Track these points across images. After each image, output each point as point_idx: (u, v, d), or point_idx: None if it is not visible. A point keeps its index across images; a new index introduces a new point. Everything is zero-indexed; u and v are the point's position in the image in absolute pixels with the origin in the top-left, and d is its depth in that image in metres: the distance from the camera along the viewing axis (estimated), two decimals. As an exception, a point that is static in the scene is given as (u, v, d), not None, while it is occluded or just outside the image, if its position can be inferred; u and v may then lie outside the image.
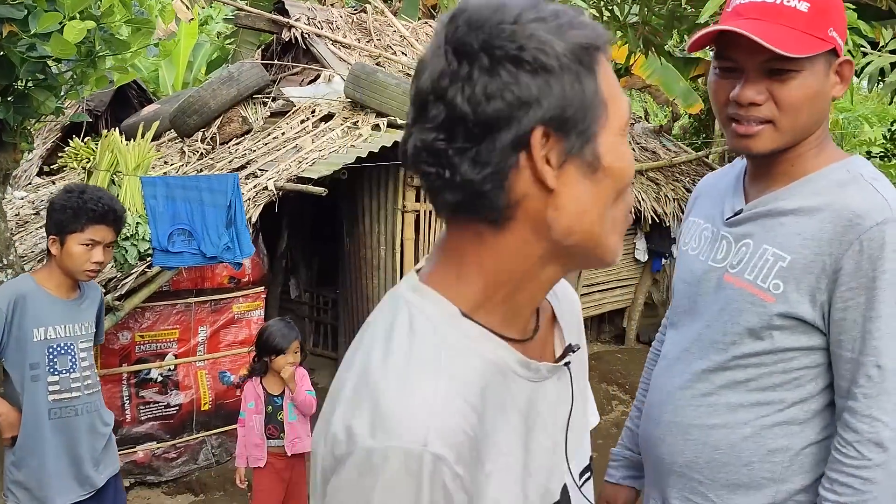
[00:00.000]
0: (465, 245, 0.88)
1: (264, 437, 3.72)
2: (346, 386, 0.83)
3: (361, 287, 6.19)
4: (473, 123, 0.79)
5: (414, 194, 5.63)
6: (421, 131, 0.83)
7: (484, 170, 0.81)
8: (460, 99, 0.79)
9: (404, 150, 0.86)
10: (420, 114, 0.83)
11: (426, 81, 0.82)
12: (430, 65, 0.82)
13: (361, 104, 5.62)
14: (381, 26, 7.56)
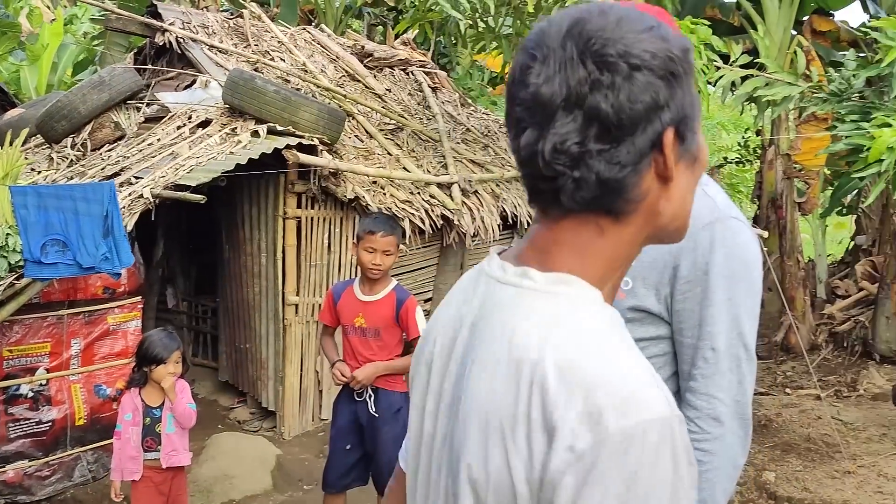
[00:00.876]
0: (587, 237, 0.95)
1: (141, 450, 3.65)
2: (547, 386, 0.86)
3: (242, 295, 6.13)
4: (616, 127, 0.87)
5: (295, 201, 5.63)
6: (554, 136, 0.88)
7: (624, 169, 0.89)
8: (605, 105, 0.86)
9: (534, 152, 0.91)
10: (548, 119, 0.89)
11: (555, 89, 0.88)
12: (556, 74, 0.88)
13: (240, 110, 5.57)
14: (259, 31, 7.49)
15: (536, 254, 0.97)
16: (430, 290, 6.86)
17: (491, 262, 1.02)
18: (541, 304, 0.93)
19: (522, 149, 0.91)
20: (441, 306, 1.12)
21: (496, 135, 8.19)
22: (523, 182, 0.97)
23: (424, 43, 10.29)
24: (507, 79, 0.94)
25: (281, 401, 5.80)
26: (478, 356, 0.95)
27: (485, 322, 0.97)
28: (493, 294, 0.98)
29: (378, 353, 3.77)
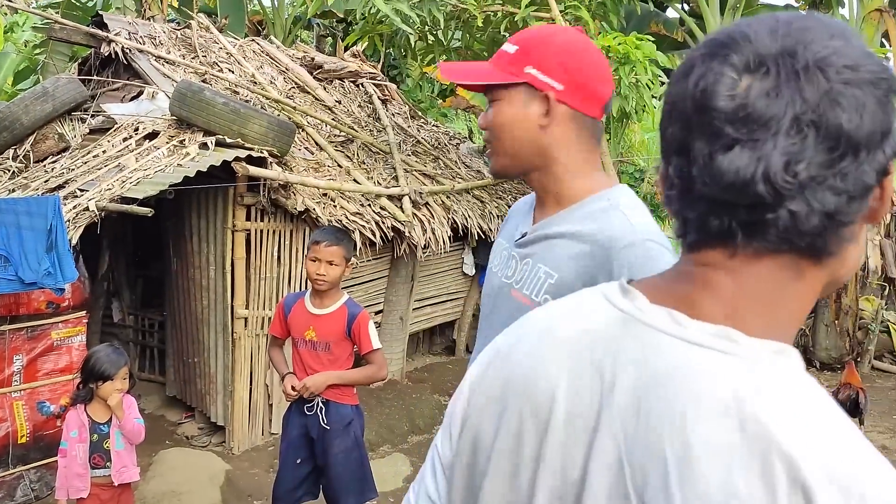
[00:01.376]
0: (783, 283, 0.80)
1: (88, 467, 3.58)
2: (811, 491, 0.68)
3: (190, 308, 6.05)
4: (854, 150, 0.75)
5: (244, 213, 5.59)
6: (781, 156, 0.74)
7: (852, 202, 0.76)
8: (847, 124, 0.74)
9: (746, 175, 0.75)
10: (770, 138, 0.75)
11: (784, 102, 0.75)
12: (782, 86, 0.75)
13: (188, 122, 5.52)
14: (207, 42, 7.44)
15: (721, 306, 0.80)
16: (381, 302, 6.86)
17: (638, 303, 0.83)
18: (767, 380, 0.74)
19: (726, 171, 0.75)
20: (533, 342, 0.90)
21: (446, 147, 8.23)
22: (696, 212, 0.80)
23: (374, 55, 10.31)
24: (687, 89, 0.79)
25: (230, 415, 5.74)
26: (686, 438, 0.73)
27: (670, 391, 0.75)
28: (670, 355, 0.78)
29: (328, 366, 3.76)
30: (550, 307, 0.94)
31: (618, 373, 0.80)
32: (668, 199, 0.84)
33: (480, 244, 7.55)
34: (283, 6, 11.99)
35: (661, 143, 0.84)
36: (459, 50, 6.96)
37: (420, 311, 7.36)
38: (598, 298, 0.88)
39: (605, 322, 0.84)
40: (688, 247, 0.84)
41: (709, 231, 0.80)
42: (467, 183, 7.41)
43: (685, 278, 0.84)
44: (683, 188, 0.80)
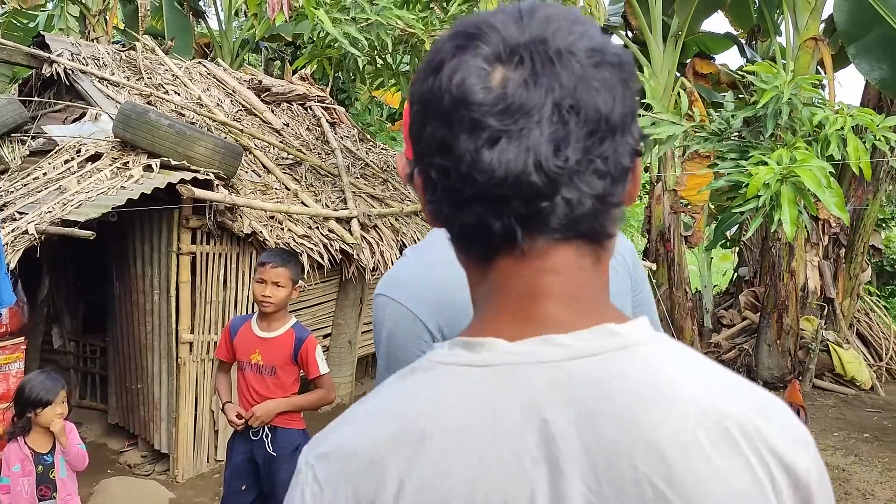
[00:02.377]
0: (589, 269, 0.78)
1: (36, 500, 3.47)
2: (770, 441, 0.71)
3: (133, 333, 5.93)
4: (612, 132, 0.74)
5: (190, 236, 5.51)
6: (547, 146, 0.72)
7: (615, 184, 0.75)
8: (604, 107, 0.74)
9: (519, 168, 0.72)
10: (532, 128, 0.72)
11: (541, 91, 0.72)
12: (539, 75, 0.73)
13: (132, 144, 5.44)
14: (153, 64, 7.36)
15: (566, 307, 0.75)
16: (329, 325, 6.82)
17: (504, 349, 0.73)
18: (663, 357, 0.73)
19: (496, 165, 0.71)
20: (444, 456, 0.70)
21: (395, 170, 8.25)
22: (473, 215, 0.74)
23: (323, 78, 10.31)
24: (441, 84, 0.74)
25: (174, 442, 5.62)
26: (658, 442, 0.68)
27: (610, 406, 0.69)
28: (582, 379, 0.71)
29: (274, 391, 3.71)
30: (384, 400, 0.76)
31: (553, 432, 0.69)
32: (434, 208, 0.77)
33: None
34: (231, 29, 11.94)
35: (417, 146, 0.77)
36: (408, 74, 7.00)
37: (369, 335, 7.31)
38: (445, 372, 0.73)
39: (484, 390, 0.71)
40: (478, 261, 0.77)
41: (493, 235, 0.74)
42: (416, 205, 7.42)
43: (511, 299, 0.75)
44: (452, 191, 0.74)
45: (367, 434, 0.73)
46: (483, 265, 0.77)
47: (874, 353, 9.03)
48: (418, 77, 0.77)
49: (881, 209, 10.56)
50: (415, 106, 0.77)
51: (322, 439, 0.77)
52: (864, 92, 8.72)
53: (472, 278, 0.80)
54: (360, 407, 0.77)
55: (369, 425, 0.73)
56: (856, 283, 8.72)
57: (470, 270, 0.79)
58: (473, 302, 0.80)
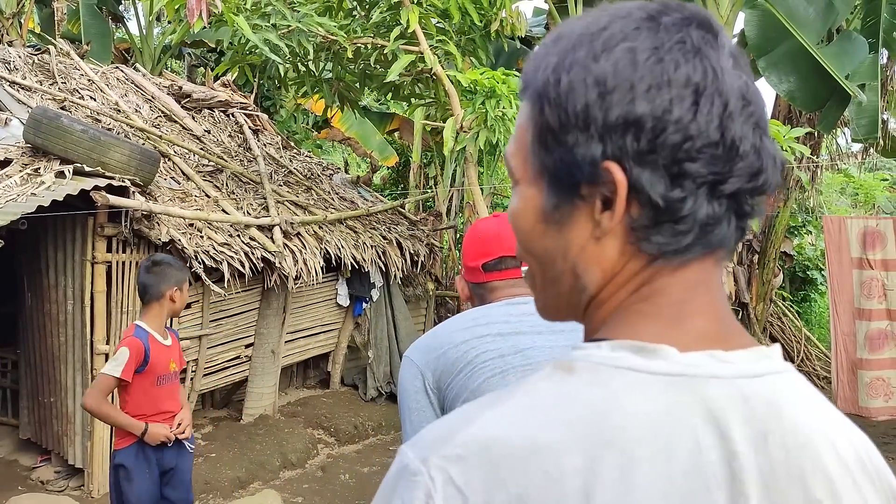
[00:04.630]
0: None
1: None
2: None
3: (46, 345, 5.76)
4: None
5: (105, 244, 5.38)
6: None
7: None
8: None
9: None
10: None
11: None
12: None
13: (44, 150, 5.29)
14: (68, 69, 7.17)
15: (714, 323, 0.72)
16: (252, 335, 6.73)
17: (676, 359, 0.68)
18: (805, 386, 0.74)
19: (763, 157, 0.71)
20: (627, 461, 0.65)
21: (319, 177, 8.21)
22: (727, 204, 0.70)
23: (247, 85, 10.19)
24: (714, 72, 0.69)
25: (89, 457, 5.46)
26: (827, 470, 0.70)
27: (779, 429, 0.68)
28: (755, 394, 0.69)
29: (178, 396, 3.85)
30: (539, 400, 0.69)
31: (735, 451, 0.66)
32: (676, 201, 0.69)
33: (354, 274, 7.54)
34: (152, 35, 11.70)
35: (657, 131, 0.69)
36: (331, 81, 6.97)
37: (293, 344, 7.25)
38: (617, 376, 0.68)
39: (667, 401, 0.66)
40: (669, 265, 0.72)
41: (722, 233, 0.71)
42: (340, 213, 7.40)
43: (680, 307, 0.72)
44: (712, 184, 0.69)
45: (530, 437, 0.64)
46: (668, 269, 0.72)
47: (786, 355, 9.36)
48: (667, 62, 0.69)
49: (792, 217, 10.97)
50: (678, 90, 0.68)
51: (446, 438, 0.67)
52: (774, 104, 9.05)
53: (633, 286, 0.73)
54: (495, 407, 0.68)
55: (530, 427, 0.65)
56: (768, 288, 9.02)
57: (635, 277, 0.72)
58: (623, 308, 0.73)
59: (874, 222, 6.40)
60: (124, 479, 3.66)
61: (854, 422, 0.80)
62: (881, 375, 6.26)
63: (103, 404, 3.65)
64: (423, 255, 8.07)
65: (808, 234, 12.59)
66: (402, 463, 0.68)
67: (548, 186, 0.74)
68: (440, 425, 0.70)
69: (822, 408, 0.73)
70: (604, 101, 0.68)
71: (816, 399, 0.74)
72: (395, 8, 6.14)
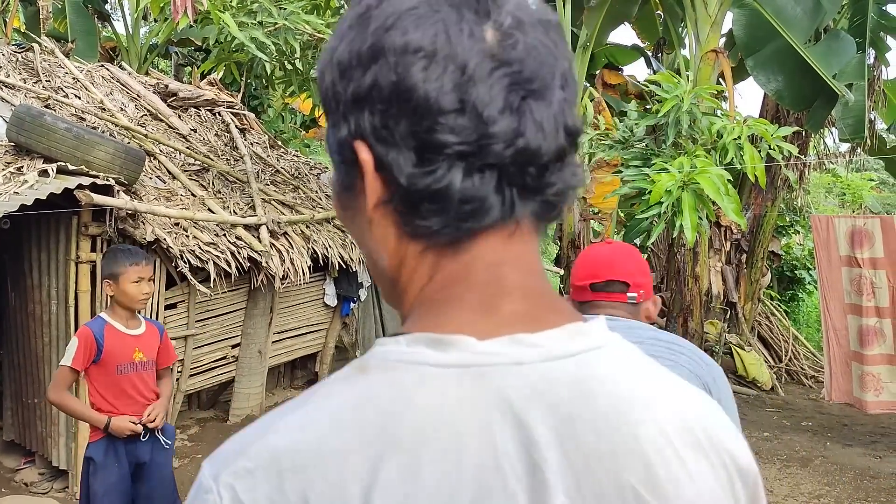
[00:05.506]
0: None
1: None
2: (734, 452, 0.73)
3: (30, 346, 5.69)
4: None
5: (89, 244, 5.32)
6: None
7: None
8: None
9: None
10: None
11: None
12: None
13: (27, 148, 5.23)
14: (52, 67, 7.10)
15: (522, 303, 0.68)
16: (238, 335, 6.68)
17: (472, 348, 0.64)
18: (628, 358, 0.71)
19: (529, 125, 0.66)
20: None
21: (307, 177, 8.17)
22: (490, 178, 0.65)
23: (234, 85, 10.14)
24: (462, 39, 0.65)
25: (73, 458, 5.40)
26: (640, 448, 0.65)
27: (589, 411, 0.65)
28: (560, 377, 0.65)
29: (153, 385, 3.78)
30: (332, 404, 0.64)
31: (535, 439, 0.63)
32: (422, 176, 0.65)
33: (342, 274, 7.50)
34: (138, 33, 11.63)
35: (397, 104, 0.65)
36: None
37: (280, 344, 7.21)
38: (410, 372, 0.64)
39: (460, 395, 0.62)
40: (445, 245, 0.68)
41: (492, 209, 0.66)
42: (328, 212, 7.36)
43: (477, 290, 0.68)
44: (463, 155, 0.65)
45: (316, 444, 0.61)
46: (449, 251, 0.68)
47: (774, 354, 9.39)
48: (390, 27, 0.66)
49: (780, 217, 11.00)
50: (415, 55, 0.64)
51: (239, 451, 0.64)
52: (762, 103, 9.08)
53: (423, 272, 0.69)
54: (292, 413, 0.65)
55: (317, 434, 0.62)
56: (756, 287, 9.04)
57: (420, 262, 0.69)
58: (424, 297, 0.69)
59: (862, 221, 6.42)
60: (91, 473, 3.65)
61: (844, 416, 0.76)
62: (871, 371, 6.29)
63: (66, 397, 3.66)
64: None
65: (795, 233, 12.64)
66: (199, 479, 0.65)
67: (335, 171, 0.72)
68: (240, 437, 0.67)
69: (648, 381, 0.69)
70: (343, 79, 0.66)
71: (642, 372, 0.70)
72: (382, 6, 6.12)
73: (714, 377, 1.90)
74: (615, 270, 2.01)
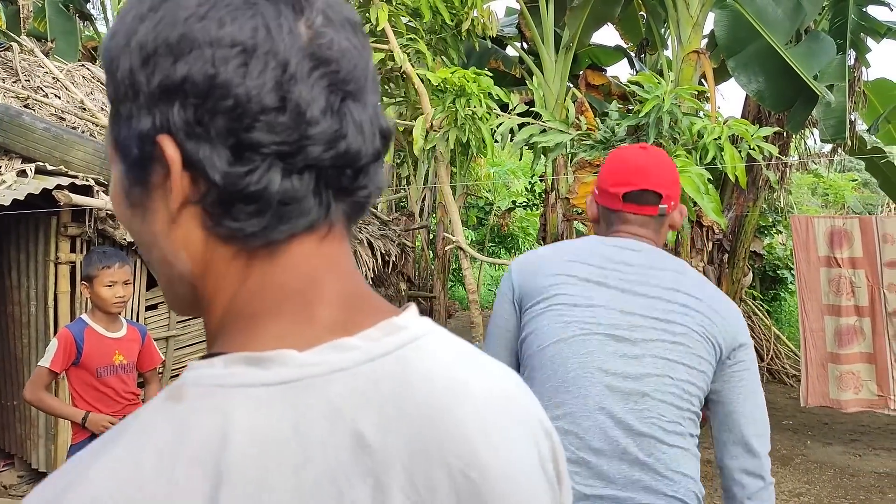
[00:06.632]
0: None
1: None
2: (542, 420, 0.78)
3: (8, 348, 5.66)
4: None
5: (69, 245, 5.29)
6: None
7: None
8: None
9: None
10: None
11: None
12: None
13: (5, 148, 5.20)
14: (31, 67, 7.05)
15: (337, 309, 0.67)
16: (221, 335, 6.66)
17: (294, 360, 0.62)
18: (445, 345, 0.71)
19: (347, 127, 0.65)
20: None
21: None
22: (308, 180, 0.64)
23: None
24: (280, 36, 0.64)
25: (53, 460, 5.37)
26: (462, 433, 0.66)
27: (413, 405, 0.65)
28: (381, 377, 0.65)
29: (133, 386, 3.77)
30: (151, 440, 0.59)
31: (367, 443, 0.62)
32: (242, 176, 0.62)
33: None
34: (121, 33, 11.55)
35: (212, 101, 0.61)
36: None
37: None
38: (230, 397, 0.60)
39: (284, 413, 0.60)
40: (259, 250, 0.65)
41: (310, 211, 0.65)
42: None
43: (294, 298, 0.65)
44: (282, 156, 0.63)
45: (139, 491, 0.56)
46: (263, 255, 0.65)
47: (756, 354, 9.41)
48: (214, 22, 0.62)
49: (763, 217, 11.05)
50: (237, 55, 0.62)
51: (59, 496, 0.57)
52: (744, 104, 9.12)
53: (233, 277, 0.66)
54: (106, 454, 0.59)
55: (139, 478, 0.57)
56: (738, 287, 9.07)
57: (230, 266, 0.66)
58: (236, 307, 0.66)
59: (841, 221, 6.46)
60: None
61: (824, 414, 0.78)
62: (851, 370, 6.33)
63: (42, 395, 3.63)
64: (394, 254, 8.04)
65: (778, 233, 12.72)
66: None
67: (122, 165, 0.67)
68: (52, 482, 0.59)
69: (463, 365, 0.70)
70: (147, 67, 0.62)
71: (457, 357, 0.71)
72: (365, 6, 6.10)
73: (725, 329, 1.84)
74: (650, 179, 1.88)
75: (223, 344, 0.65)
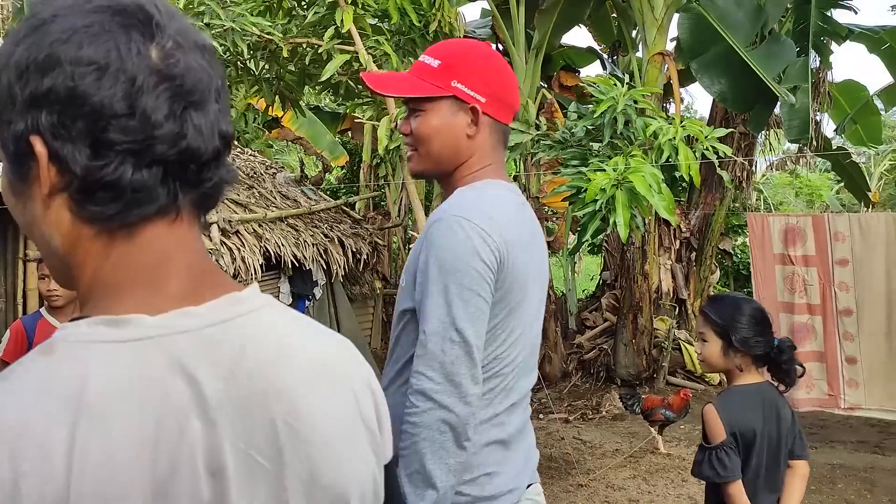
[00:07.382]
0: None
1: None
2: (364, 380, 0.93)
3: (-21, 343, 5.75)
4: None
5: (36, 242, 5.39)
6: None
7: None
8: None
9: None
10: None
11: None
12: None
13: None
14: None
15: (185, 281, 0.83)
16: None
17: (144, 324, 0.77)
18: (278, 316, 0.87)
19: (190, 129, 0.80)
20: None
21: (262, 176, 8.27)
22: (157, 172, 0.79)
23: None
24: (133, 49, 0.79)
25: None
26: (286, 388, 0.82)
27: (246, 363, 0.80)
28: (221, 338, 0.80)
29: None
30: (25, 380, 0.75)
31: (203, 392, 0.76)
32: (100, 168, 0.77)
33: (297, 273, 7.60)
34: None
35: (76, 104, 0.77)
36: (271, 81, 7.04)
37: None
38: (90, 350, 0.75)
39: (134, 362, 0.75)
40: (118, 230, 0.80)
41: (159, 198, 0.80)
42: (281, 211, 7.47)
43: (148, 272, 0.81)
44: (133, 152, 0.78)
45: (23, 417, 0.71)
46: (121, 235, 0.80)
47: (725, 350, 9.57)
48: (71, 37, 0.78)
49: (735, 216, 11.22)
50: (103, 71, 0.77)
51: None
52: (712, 105, 9.29)
53: (96, 252, 0.81)
54: (1, 386, 0.75)
55: (23, 408, 0.72)
56: (706, 284, 9.25)
57: (93, 244, 0.81)
58: (100, 278, 0.81)
59: (794, 219, 6.60)
60: None
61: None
62: (804, 368, 6.44)
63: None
64: (366, 253, 8.16)
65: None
66: None
67: (7, 163, 0.82)
68: None
69: (293, 334, 0.87)
70: (21, 80, 0.77)
71: (289, 327, 0.87)
72: (332, 8, 6.22)
73: None
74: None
75: (89, 309, 0.80)
